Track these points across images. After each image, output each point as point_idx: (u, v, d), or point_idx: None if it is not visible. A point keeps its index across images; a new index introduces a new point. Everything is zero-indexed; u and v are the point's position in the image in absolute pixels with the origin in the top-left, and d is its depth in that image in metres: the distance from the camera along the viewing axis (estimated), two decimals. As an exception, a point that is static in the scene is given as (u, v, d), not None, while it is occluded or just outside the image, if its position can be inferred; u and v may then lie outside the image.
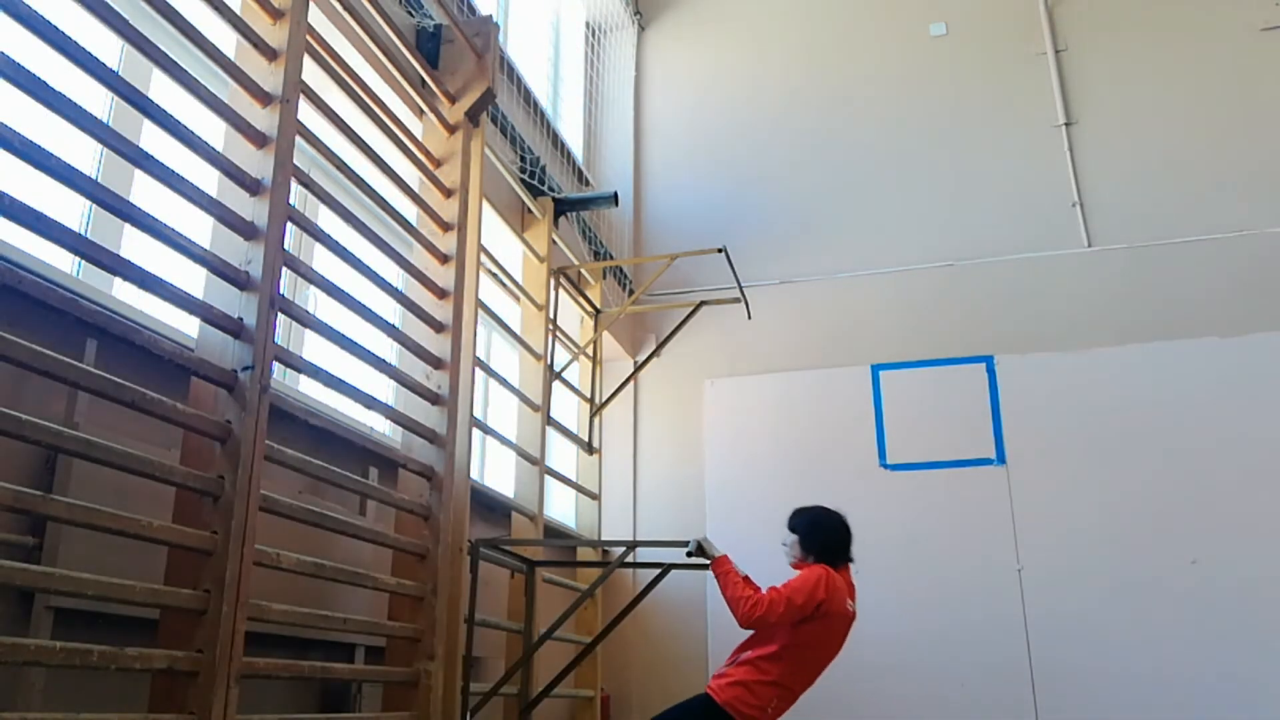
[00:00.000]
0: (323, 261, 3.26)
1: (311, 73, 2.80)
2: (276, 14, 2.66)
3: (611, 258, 5.84)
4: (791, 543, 3.51)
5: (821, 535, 3.45)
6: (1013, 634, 4.98)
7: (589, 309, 5.54)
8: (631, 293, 6.01)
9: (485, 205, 3.94)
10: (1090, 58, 5.95)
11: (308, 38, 2.77)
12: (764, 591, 3.31)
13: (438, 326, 3.40)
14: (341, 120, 2.98)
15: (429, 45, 3.71)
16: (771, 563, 5.27)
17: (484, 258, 4.02)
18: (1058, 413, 5.28)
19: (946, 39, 6.24)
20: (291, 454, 2.57)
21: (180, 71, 2.35)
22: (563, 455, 5.36)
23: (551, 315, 4.83)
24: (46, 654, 1.86)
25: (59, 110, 2.00)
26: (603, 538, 5.42)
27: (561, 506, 5.39)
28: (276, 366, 2.53)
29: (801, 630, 3.26)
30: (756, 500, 5.52)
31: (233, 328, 2.39)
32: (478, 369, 3.85)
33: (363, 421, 3.55)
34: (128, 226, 2.38)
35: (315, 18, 2.94)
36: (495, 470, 4.87)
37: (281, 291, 2.53)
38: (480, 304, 3.79)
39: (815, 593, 3.26)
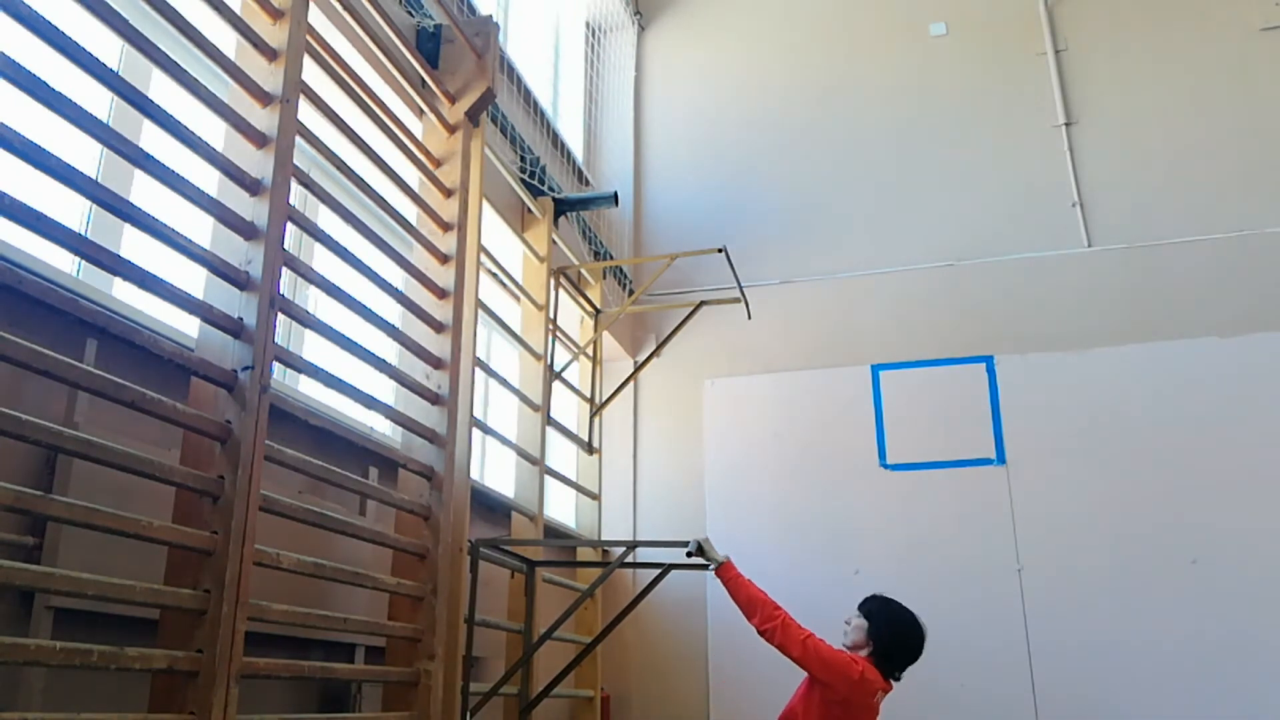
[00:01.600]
0: (323, 261, 3.26)
1: (311, 73, 2.80)
2: (276, 14, 2.66)
3: (611, 258, 5.84)
4: (856, 626, 3.31)
5: (896, 639, 3.26)
6: (1013, 634, 4.98)
7: (589, 309, 5.54)
8: (631, 293, 6.01)
9: (485, 205, 3.94)
10: (1090, 58, 5.95)
11: (308, 38, 2.77)
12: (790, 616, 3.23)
13: (438, 326, 3.40)
14: (341, 120, 2.98)
15: (429, 45, 3.71)
16: (772, 562, 5.30)
17: (484, 258, 4.02)
18: (1058, 413, 5.28)
19: (946, 39, 6.24)
20: (291, 454, 2.57)
21: (180, 71, 2.35)
22: (563, 455, 5.36)
23: (551, 315, 4.83)
24: (46, 654, 1.86)
25: (59, 110, 2.00)
26: (603, 538, 5.42)
27: (561, 506, 5.39)
28: (276, 366, 2.53)
29: (828, 713, 3.17)
30: (756, 500, 5.53)
31: (233, 328, 2.39)
32: (478, 369, 3.85)
33: (363, 421, 3.55)
34: (128, 226, 2.38)
35: (315, 18, 2.94)
36: (495, 470, 4.87)
37: (281, 291, 2.53)
38: (480, 304, 3.79)
39: (846, 670, 3.14)
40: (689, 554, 3.79)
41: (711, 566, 3.59)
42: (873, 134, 6.15)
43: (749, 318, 5.35)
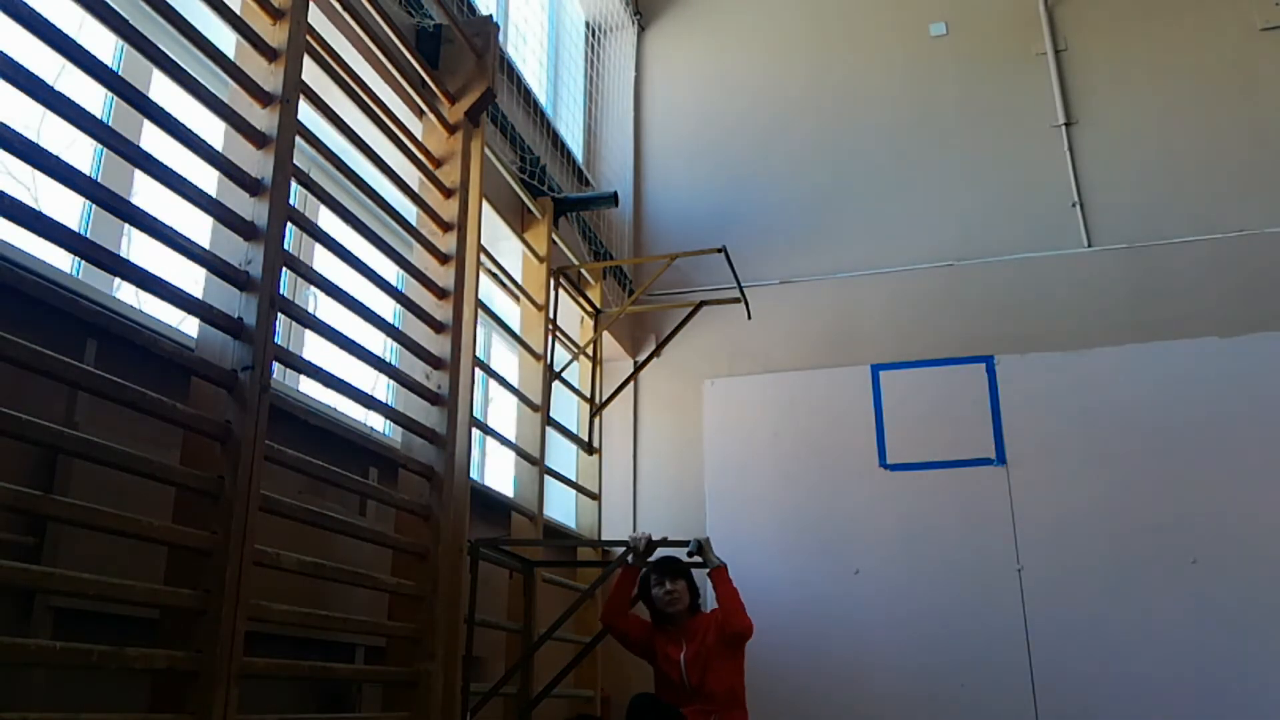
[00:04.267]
0: (323, 261, 3.26)
1: (311, 73, 2.80)
2: (276, 14, 2.66)
3: (611, 258, 5.84)
4: (682, 589, 3.74)
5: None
6: (1012, 634, 4.98)
7: (589, 309, 5.53)
8: (631, 293, 6.01)
9: (485, 205, 3.94)
10: (1090, 58, 5.95)
11: (308, 38, 2.77)
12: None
13: (438, 326, 3.40)
14: (341, 120, 2.98)
15: (429, 45, 3.71)
16: (772, 562, 5.30)
17: (484, 258, 4.02)
18: (1058, 413, 5.27)
19: (946, 39, 6.24)
20: (291, 454, 2.57)
21: (180, 71, 2.35)
22: (563, 455, 5.35)
23: (551, 315, 4.83)
24: (46, 654, 1.86)
25: (59, 110, 2.00)
26: (603, 538, 5.42)
27: (561, 506, 5.39)
28: (276, 366, 2.53)
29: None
30: (756, 500, 5.52)
31: (233, 328, 2.38)
32: (478, 369, 3.85)
33: (363, 421, 3.55)
34: (128, 226, 2.38)
35: (315, 18, 2.93)
36: (495, 470, 4.88)
37: (281, 291, 2.53)
38: (480, 304, 3.79)
39: None
40: (690, 554, 3.81)
41: (707, 569, 3.71)
42: (873, 134, 6.15)
43: (749, 318, 5.35)
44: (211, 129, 2.53)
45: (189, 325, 2.63)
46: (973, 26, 6.22)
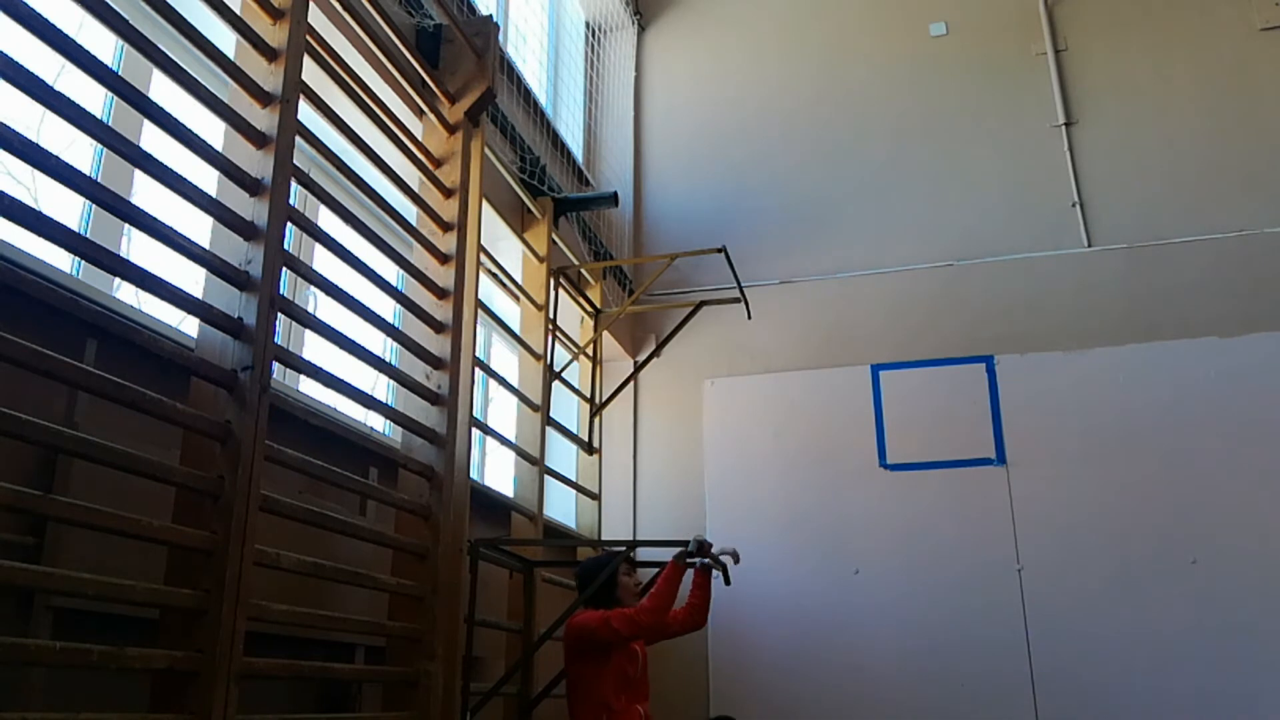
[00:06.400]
0: (323, 261, 3.26)
1: (311, 73, 2.80)
2: (276, 14, 2.66)
3: (611, 258, 5.84)
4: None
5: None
6: (1013, 634, 4.98)
7: (589, 309, 5.54)
8: (631, 293, 6.01)
9: (485, 205, 3.94)
10: (1090, 58, 5.95)
11: (308, 38, 2.77)
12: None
13: (438, 326, 3.40)
14: (341, 120, 2.98)
15: (429, 45, 3.71)
16: (772, 562, 5.30)
17: (484, 258, 4.02)
18: (1058, 413, 5.27)
19: (946, 39, 6.24)
20: (291, 454, 2.57)
21: (180, 71, 2.35)
22: (563, 455, 5.36)
23: (551, 315, 4.83)
24: (46, 654, 1.86)
25: (59, 110, 2.00)
26: (603, 538, 5.42)
27: (561, 506, 5.39)
28: (276, 366, 2.53)
29: None
30: (756, 500, 5.53)
31: (233, 328, 2.38)
32: (478, 369, 3.85)
33: (363, 421, 3.56)
34: (128, 226, 2.38)
35: (315, 18, 2.94)
36: (495, 470, 4.88)
37: (281, 291, 2.53)
38: (480, 304, 3.79)
39: None
40: (690, 553, 3.81)
41: (691, 548, 3.75)
42: (873, 134, 6.15)
43: (749, 318, 5.35)
44: (211, 129, 2.53)
45: (189, 325, 2.63)
46: (973, 26, 6.22)
